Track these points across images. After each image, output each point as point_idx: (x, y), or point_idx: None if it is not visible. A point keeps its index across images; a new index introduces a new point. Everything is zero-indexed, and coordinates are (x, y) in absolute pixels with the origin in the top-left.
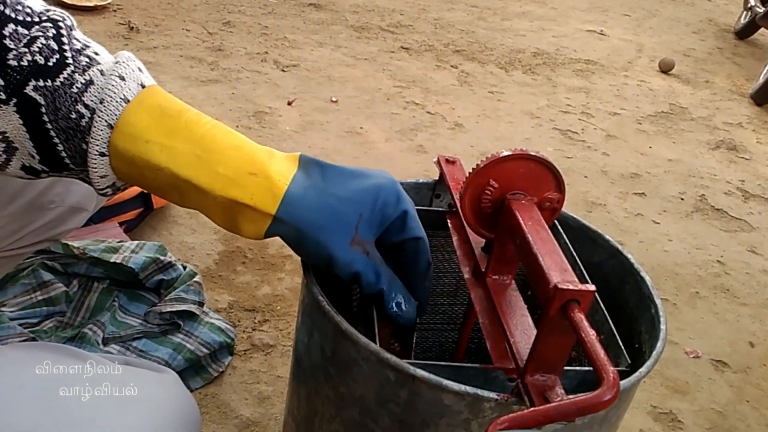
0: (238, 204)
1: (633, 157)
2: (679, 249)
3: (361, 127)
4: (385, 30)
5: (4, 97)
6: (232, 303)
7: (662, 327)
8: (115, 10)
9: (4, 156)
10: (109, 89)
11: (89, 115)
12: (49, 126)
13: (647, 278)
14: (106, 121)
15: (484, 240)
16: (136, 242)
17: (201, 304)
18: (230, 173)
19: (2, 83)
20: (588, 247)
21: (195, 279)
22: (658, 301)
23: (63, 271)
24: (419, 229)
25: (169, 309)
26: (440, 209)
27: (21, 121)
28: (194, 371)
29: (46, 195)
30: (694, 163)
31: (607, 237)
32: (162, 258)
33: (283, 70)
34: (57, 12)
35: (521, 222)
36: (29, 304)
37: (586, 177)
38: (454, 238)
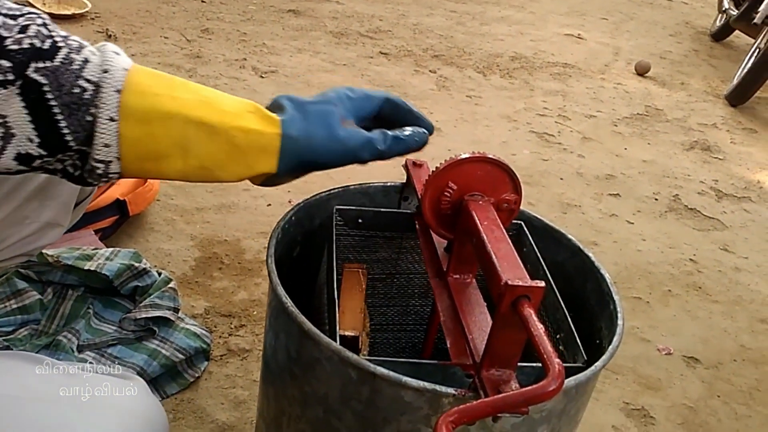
0: (248, 133)
1: (608, 158)
2: (652, 248)
3: None
4: (364, 36)
5: (12, 77)
6: (209, 308)
7: (619, 323)
8: (93, 18)
9: (1, 143)
10: (109, 62)
11: (92, 88)
12: (53, 103)
13: (607, 276)
14: (114, 86)
15: (446, 241)
16: (111, 249)
17: (176, 310)
18: (234, 110)
19: (9, 65)
20: (552, 247)
21: (170, 285)
22: (616, 298)
23: (37, 279)
24: (382, 94)
25: (144, 315)
26: (408, 211)
27: (23, 104)
28: (170, 377)
29: (22, 210)
30: (668, 163)
31: (570, 236)
32: (136, 264)
33: (262, 77)
34: (31, 8)
35: (477, 222)
36: (3, 312)
37: (561, 179)
38: (420, 240)
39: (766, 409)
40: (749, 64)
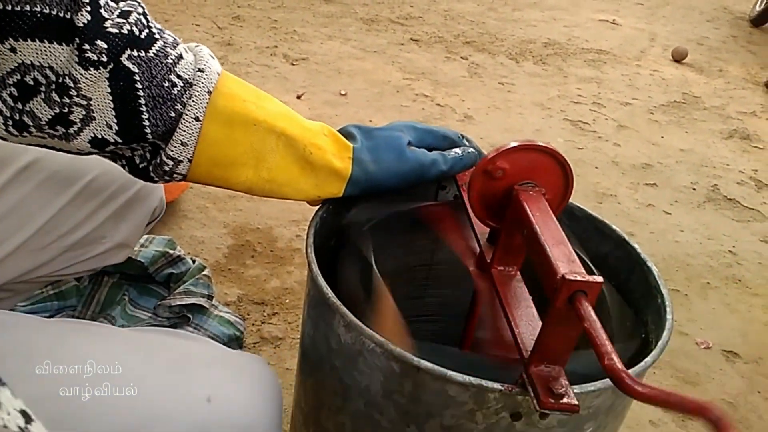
0: (324, 153)
1: (645, 147)
2: (690, 239)
3: (370, 120)
4: (395, 22)
5: (105, 59)
6: (242, 296)
7: (668, 317)
8: None
9: (79, 125)
10: (205, 62)
11: (182, 84)
12: (140, 93)
13: (654, 268)
14: (206, 87)
15: (488, 231)
16: (146, 236)
17: (210, 297)
18: (313, 129)
19: (105, 47)
20: (595, 238)
21: (204, 272)
22: (665, 291)
23: None
24: (446, 132)
25: (178, 302)
26: (445, 202)
27: (109, 89)
28: None
29: (100, 230)
30: (706, 152)
31: (614, 227)
32: (171, 252)
33: (293, 64)
34: None
35: (529, 213)
36: (41, 298)
37: (596, 168)
38: (454, 231)
39: None
40: None
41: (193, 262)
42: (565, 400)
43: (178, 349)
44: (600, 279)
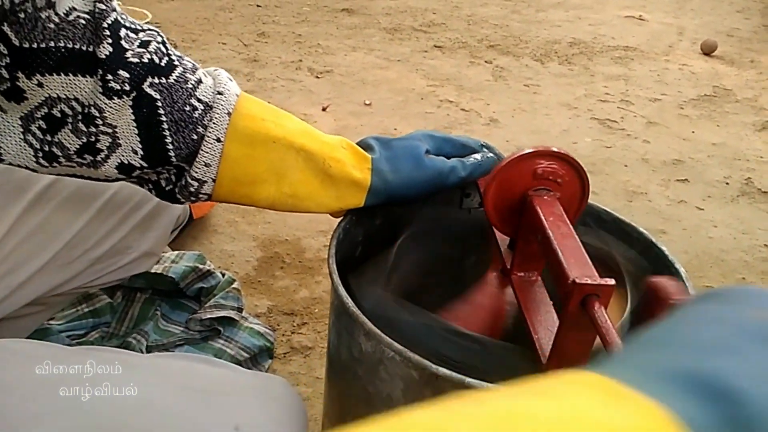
0: (343, 165)
1: (675, 143)
2: (724, 235)
3: (395, 128)
4: (418, 30)
5: (128, 88)
6: (271, 307)
7: None
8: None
9: (106, 152)
10: (224, 85)
11: (202, 108)
12: (163, 119)
13: (682, 270)
14: (226, 109)
15: (508, 238)
16: (176, 252)
17: (240, 309)
18: (331, 143)
19: (128, 76)
20: (623, 241)
21: (233, 285)
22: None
23: None
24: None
25: (209, 316)
26: (470, 208)
27: (133, 117)
28: None
29: (126, 241)
30: (739, 146)
31: (642, 230)
32: (201, 266)
33: (317, 77)
34: (151, 26)
35: (542, 218)
36: (76, 316)
37: (626, 166)
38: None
39: None
40: None
41: (223, 275)
42: None
43: (203, 378)
44: (612, 282)
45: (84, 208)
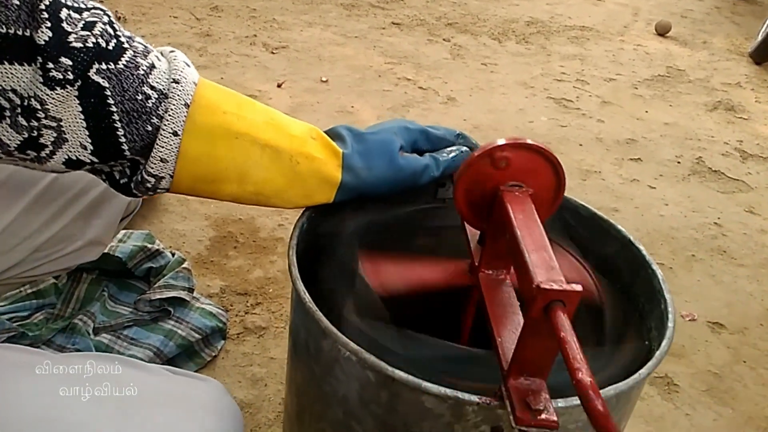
0: (312, 161)
1: (629, 122)
2: (675, 213)
3: (352, 106)
4: (376, 6)
5: (72, 77)
6: (224, 288)
7: (670, 325)
8: (102, 1)
9: (51, 148)
10: (180, 72)
11: (156, 96)
12: (113, 109)
13: (659, 271)
14: (183, 100)
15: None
16: (124, 231)
17: (191, 290)
18: (300, 135)
19: (71, 63)
20: (600, 238)
21: (184, 265)
22: (668, 296)
23: None
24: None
25: (158, 296)
26: (444, 198)
27: (80, 108)
28: (187, 356)
29: (70, 228)
30: (691, 125)
31: (620, 227)
32: (150, 246)
33: (273, 53)
34: (97, 3)
35: (512, 216)
36: (19, 297)
37: (581, 145)
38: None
39: None
40: None
41: (173, 255)
42: (543, 416)
43: (135, 386)
44: (579, 288)
45: (20, 195)
